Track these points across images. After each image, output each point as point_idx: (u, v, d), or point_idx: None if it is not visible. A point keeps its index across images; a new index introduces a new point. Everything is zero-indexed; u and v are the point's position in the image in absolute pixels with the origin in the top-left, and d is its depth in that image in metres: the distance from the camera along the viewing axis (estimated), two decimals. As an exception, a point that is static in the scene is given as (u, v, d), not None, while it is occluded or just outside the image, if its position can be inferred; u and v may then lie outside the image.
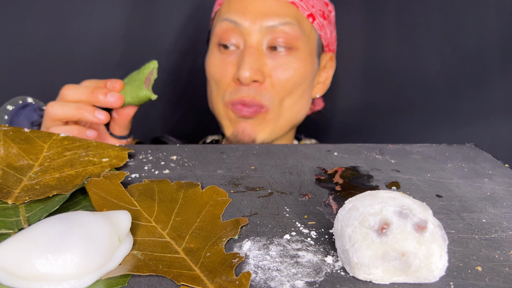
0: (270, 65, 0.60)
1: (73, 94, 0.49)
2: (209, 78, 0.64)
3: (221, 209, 0.33)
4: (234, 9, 0.60)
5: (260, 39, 0.59)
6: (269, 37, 0.59)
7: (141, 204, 0.33)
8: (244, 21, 0.59)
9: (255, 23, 0.59)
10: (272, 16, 0.59)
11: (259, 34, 0.59)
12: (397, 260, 0.25)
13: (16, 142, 0.40)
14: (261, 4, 0.60)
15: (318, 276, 0.26)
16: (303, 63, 0.61)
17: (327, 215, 0.33)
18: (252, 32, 0.59)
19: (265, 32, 0.59)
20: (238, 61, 0.60)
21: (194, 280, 0.25)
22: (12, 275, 0.24)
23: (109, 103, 0.49)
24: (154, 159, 0.42)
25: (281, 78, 0.60)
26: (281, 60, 0.60)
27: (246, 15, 0.59)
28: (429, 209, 0.26)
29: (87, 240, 0.25)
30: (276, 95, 0.60)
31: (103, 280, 0.25)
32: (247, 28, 0.59)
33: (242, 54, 0.59)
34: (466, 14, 0.69)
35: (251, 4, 0.60)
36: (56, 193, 0.33)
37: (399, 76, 0.77)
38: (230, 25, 0.60)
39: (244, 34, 0.59)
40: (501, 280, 0.26)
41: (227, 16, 0.60)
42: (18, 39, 0.70)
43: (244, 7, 0.60)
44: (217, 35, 0.61)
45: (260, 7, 0.60)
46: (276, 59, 0.60)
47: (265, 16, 0.59)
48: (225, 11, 0.61)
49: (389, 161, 0.43)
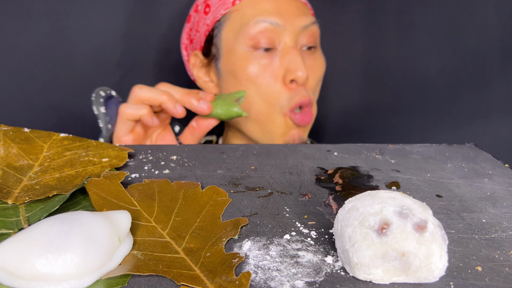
0: (307, 65, 0.61)
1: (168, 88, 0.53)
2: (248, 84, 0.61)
3: (221, 209, 0.33)
4: (267, 10, 0.60)
5: (295, 39, 0.60)
6: (302, 37, 0.61)
7: (141, 204, 0.33)
8: (283, 21, 0.59)
9: (293, 23, 0.60)
10: (302, 16, 0.61)
11: (296, 34, 0.60)
12: (397, 260, 0.25)
13: (16, 142, 0.40)
14: (289, 4, 0.61)
15: (318, 276, 0.26)
16: (323, 58, 0.66)
17: (327, 215, 0.33)
18: (290, 32, 0.60)
19: (299, 32, 0.60)
20: (283, 63, 0.60)
21: (194, 280, 0.25)
22: (12, 275, 0.24)
23: (199, 108, 0.53)
24: (154, 159, 0.43)
25: (315, 76, 0.63)
26: (312, 59, 0.62)
27: (283, 15, 0.60)
28: (429, 209, 0.26)
29: (87, 240, 0.25)
30: (312, 92, 0.63)
31: (103, 280, 0.25)
32: (287, 28, 0.60)
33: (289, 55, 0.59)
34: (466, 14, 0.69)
35: (282, 5, 0.60)
36: (56, 193, 0.33)
37: (399, 76, 0.77)
38: (269, 26, 0.59)
39: (283, 34, 0.60)
40: (501, 280, 0.26)
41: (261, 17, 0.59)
42: (18, 39, 0.70)
43: (277, 8, 0.60)
44: (252, 38, 0.59)
45: (290, 8, 0.61)
46: (309, 58, 0.62)
47: (297, 16, 0.60)
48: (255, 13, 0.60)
49: (389, 161, 0.43)
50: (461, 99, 0.71)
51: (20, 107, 0.72)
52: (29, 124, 0.51)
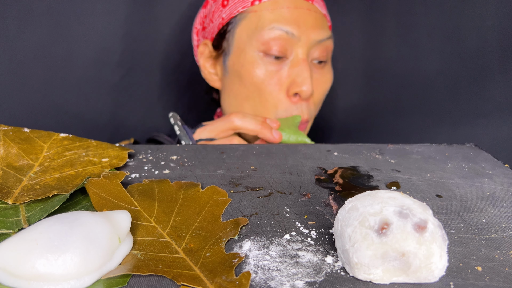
0: (315, 78, 0.61)
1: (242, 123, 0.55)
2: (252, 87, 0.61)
3: (221, 209, 0.33)
4: (285, 18, 0.59)
5: (308, 52, 0.60)
6: (315, 50, 0.60)
7: (141, 204, 0.33)
8: (299, 32, 0.59)
9: (309, 35, 0.59)
10: (319, 29, 0.60)
11: (309, 47, 0.60)
12: (397, 260, 0.25)
13: (16, 142, 0.40)
14: (309, 15, 0.60)
15: (318, 276, 0.26)
16: (332, 73, 0.65)
17: (327, 215, 0.33)
18: (304, 44, 0.59)
19: (313, 45, 0.60)
20: (291, 74, 0.59)
21: (194, 280, 0.25)
22: (12, 275, 0.24)
23: (274, 139, 0.55)
24: (154, 159, 0.43)
25: (321, 91, 0.63)
26: (320, 73, 0.62)
27: (300, 27, 0.59)
28: (429, 209, 0.26)
29: (87, 240, 0.25)
30: (313, 108, 0.63)
31: (103, 280, 0.25)
32: (301, 40, 0.59)
33: (298, 67, 0.59)
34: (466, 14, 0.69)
35: (300, 15, 0.59)
36: (56, 193, 0.33)
37: (399, 76, 0.77)
38: (284, 35, 0.58)
39: (297, 45, 0.59)
40: (501, 280, 0.26)
41: (278, 24, 0.59)
42: (18, 39, 0.70)
43: (295, 17, 0.59)
44: (264, 43, 0.59)
45: (309, 19, 0.60)
46: (318, 72, 0.62)
47: (315, 29, 0.60)
48: (271, 19, 0.59)
49: (389, 161, 0.43)
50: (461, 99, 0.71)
51: (20, 107, 0.72)
52: (29, 124, 0.51)
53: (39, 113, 0.72)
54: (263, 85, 0.60)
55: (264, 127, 0.55)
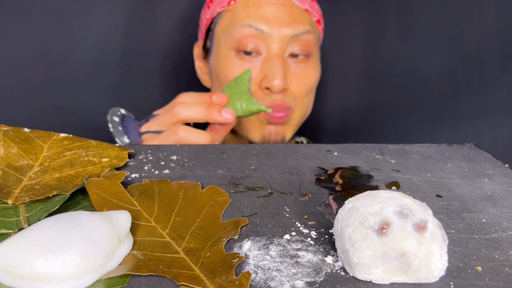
0: (292, 73, 0.61)
1: (188, 113, 0.51)
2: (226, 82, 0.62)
3: (221, 209, 0.33)
4: (255, 15, 0.60)
5: (283, 47, 0.60)
6: (291, 45, 0.60)
7: (141, 204, 0.33)
8: (269, 28, 0.59)
9: (280, 31, 0.59)
10: (294, 24, 0.60)
11: (282, 42, 0.60)
12: (397, 260, 0.25)
13: (16, 142, 0.40)
14: (282, 11, 0.60)
15: (318, 276, 0.26)
16: (317, 67, 0.65)
17: (327, 215, 0.33)
18: (277, 40, 0.59)
19: (288, 40, 0.60)
20: (263, 69, 0.60)
21: (194, 280, 0.25)
22: (12, 275, 0.24)
23: (226, 120, 0.52)
24: (154, 159, 0.43)
25: (302, 84, 0.62)
26: (301, 67, 0.62)
27: (270, 23, 0.59)
28: (429, 209, 0.26)
29: (87, 240, 0.25)
30: (297, 98, 0.63)
31: (103, 280, 0.25)
32: (272, 36, 0.59)
33: (270, 62, 0.59)
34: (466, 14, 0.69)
35: (273, 11, 0.60)
36: (56, 193, 0.33)
37: (399, 76, 0.77)
38: (254, 31, 0.59)
39: (268, 41, 0.59)
40: (501, 280, 0.26)
41: (248, 21, 0.59)
42: (18, 39, 0.70)
43: (266, 14, 0.60)
44: (236, 40, 0.60)
45: (282, 15, 0.60)
46: (296, 66, 0.62)
47: (288, 24, 0.60)
48: (243, 16, 0.60)
49: (389, 161, 0.43)
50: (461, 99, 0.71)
51: (20, 107, 0.72)
52: (29, 124, 0.51)
53: (39, 113, 0.72)
54: None
55: (212, 111, 0.52)
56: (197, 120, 0.52)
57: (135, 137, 0.56)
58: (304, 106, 0.65)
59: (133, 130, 0.56)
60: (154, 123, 0.55)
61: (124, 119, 0.58)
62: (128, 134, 0.56)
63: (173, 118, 0.52)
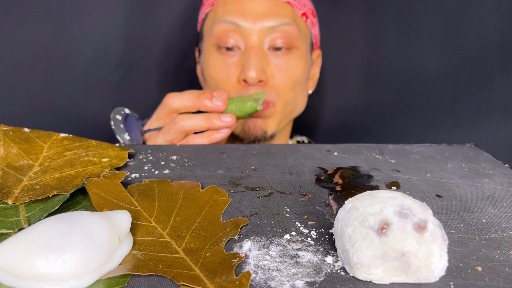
0: (272, 65, 0.61)
1: (178, 102, 0.51)
2: (210, 80, 0.63)
3: (221, 209, 0.33)
4: (232, 10, 0.60)
5: (261, 39, 0.60)
6: (270, 37, 0.60)
7: (141, 204, 0.33)
8: (244, 22, 0.59)
9: (256, 23, 0.59)
10: (271, 16, 0.60)
11: (260, 35, 0.60)
12: (397, 260, 0.25)
13: (16, 142, 0.40)
14: (260, 5, 0.60)
15: (318, 276, 0.26)
16: (302, 60, 0.64)
17: (327, 215, 0.33)
18: (254, 33, 0.60)
19: (266, 32, 0.60)
20: (241, 62, 0.60)
21: (194, 280, 0.25)
22: (12, 275, 0.24)
23: (215, 107, 0.51)
24: (154, 159, 0.43)
25: (284, 76, 0.61)
26: (283, 59, 0.61)
27: (246, 16, 0.60)
28: (429, 209, 0.26)
29: (87, 240, 0.25)
30: (280, 91, 0.62)
31: (103, 280, 0.25)
32: (248, 29, 0.59)
33: (246, 55, 0.59)
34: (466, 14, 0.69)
35: (250, 5, 0.60)
36: (56, 193, 0.33)
37: (399, 76, 0.77)
38: (231, 26, 0.60)
39: (245, 35, 0.60)
40: (501, 280, 0.26)
41: (225, 17, 0.60)
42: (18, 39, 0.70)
43: (243, 8, 0.60)
44: (215, 37, 0.61)
45: (259, 8, 0.60)
46: (277, 59, 0.61)
47: (264, 16, 0.60)
48: (222, 13, 0.61)
49: (389, 161, 0.43)
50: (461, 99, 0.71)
51: (20, 107, 0.72)
52: (29, 124, 0.51)
53: (39, 113, 0.72)
54: (217, 77, 0.61)
55: (203, 97, 0.51)
56: (189, 107, 0.52)
57: (137, 135, 0.56)
58: (289, 101, 0.64)
59: (135, 129, 0.57)
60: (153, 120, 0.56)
61: (128, 118, 0.58)
62: (130, 131, 0.56)
63: (165, 109, 0.53)
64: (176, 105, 0.52)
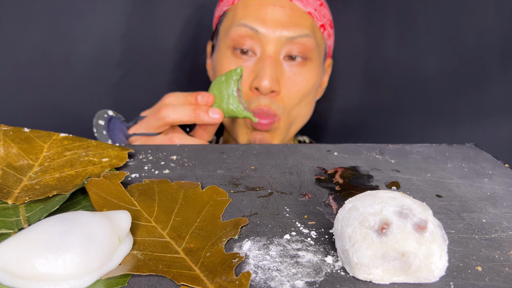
0: (286, 75, 0.60)
1: (175, 116, 0.50)
2: None
3: (221, 209, 0.33)
4: (252, 15, 0.60)
5: (278, 49, 0.60)
6: (287, 47, 0.60)
7: (141, 204, 0.33)
8: (263, 29, 0.59)
9: (275, 32, 0.59)
10: (291, 26, 0.60)
11: (277, 44, 0.59)
12: (397, 260, 0.25)
13: (16, 142, 0.40)
14: (281, 13, 0.60)
15: (318, 276, 0.26)
16: (314, 73, 0.63)
17: (327, 215, 0.33)
18: (271, 41, 0.59)
19: (284, 42, 0.59)
20: (255, 69, 0.60)
21: (194, 280, 0.25)
22: (12, 275, 0.24)
23: (213, 121, 0.50)
24: (154, 159, 0.43)
25: (295, 89, 0.61)
26: (296, 71, 0.61)
27: (266, 23, 0.59)
28: (429, 209, 0.26)
29: (87, 240, 0.25)
30: (287, 105, 0.61)
31: (103, 280, 0.25)
32: (266, 36, 0.59)
33: (262, 63, 0.59)
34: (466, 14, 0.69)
35: (271, 12, 0.59)
36: (56, 193, 0.33)
37: (399, 76, 0.77)
38: (249, 31, 0.59)
39: (263, 42, 0.59)
40: (501, 280, 0.26)
41: (245, 21, 0.60)
42: (18, 39, 0.70)
43: (264, 14, 0.59)
44: (233, 39, 0.61)
45: (280, 16, 0.59)
46: (291, 69, 0.61)
47: (284, 26, 0.59)
48: (241, 16, 0.61)
49: (389, 161, 0.43)
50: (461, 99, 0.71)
51: (20, 107, 0.72)
52: (29, 124, 0.51)
53: (39, 113, 0.72)
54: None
55: (199, 112, 0.50)
56: (184, 122, 0.51)
57: (121, 139, 0.55)
58: (295, 115, 0.63)
59: (119, 133, 0.55)
60: (142, 126, 0.54)
61: (111, 121, 0.57)
62: (113, 137, 0.55)
63: (160, 121, 0.51)
64: (171, 118, 0.50)
